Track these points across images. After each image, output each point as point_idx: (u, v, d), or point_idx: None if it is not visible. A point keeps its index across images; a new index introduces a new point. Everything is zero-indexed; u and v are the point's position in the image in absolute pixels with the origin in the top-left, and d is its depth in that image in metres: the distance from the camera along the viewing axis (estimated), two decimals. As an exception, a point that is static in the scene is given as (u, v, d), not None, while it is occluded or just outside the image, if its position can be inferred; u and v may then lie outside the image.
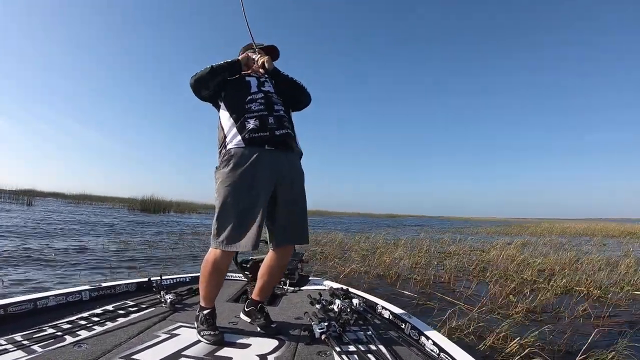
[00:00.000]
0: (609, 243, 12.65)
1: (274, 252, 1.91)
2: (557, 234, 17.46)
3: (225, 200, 1.71)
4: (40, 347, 1.53)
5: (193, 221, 16.50)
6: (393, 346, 1.69)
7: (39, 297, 2.06)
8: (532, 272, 5.55)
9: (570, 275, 5.32)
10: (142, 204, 23.90)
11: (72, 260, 5.42)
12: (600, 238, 15.38)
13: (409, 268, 5.75)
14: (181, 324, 1.92)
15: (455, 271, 5.74)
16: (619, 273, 5.50)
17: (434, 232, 15.89)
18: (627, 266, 6.14)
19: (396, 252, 6.88)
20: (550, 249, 8.93)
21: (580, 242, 12.10)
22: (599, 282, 4.89)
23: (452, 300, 3.88)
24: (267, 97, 1.86)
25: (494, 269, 5.85)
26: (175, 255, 6.61)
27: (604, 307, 3.81)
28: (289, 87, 1.99)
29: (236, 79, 1.91)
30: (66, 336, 1.65)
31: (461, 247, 9.13)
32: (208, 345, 1.64)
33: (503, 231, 19.48)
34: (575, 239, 14.57)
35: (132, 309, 2.15)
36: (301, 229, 1.90)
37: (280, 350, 1.61)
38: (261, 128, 1.77)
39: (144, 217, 17.59)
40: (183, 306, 2.27)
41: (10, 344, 1.53)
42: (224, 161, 1.76)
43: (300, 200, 1.90)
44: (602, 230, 21.80)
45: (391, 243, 8.98)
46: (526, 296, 4.06)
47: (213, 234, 1.73)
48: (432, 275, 5.29)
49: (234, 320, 2.02)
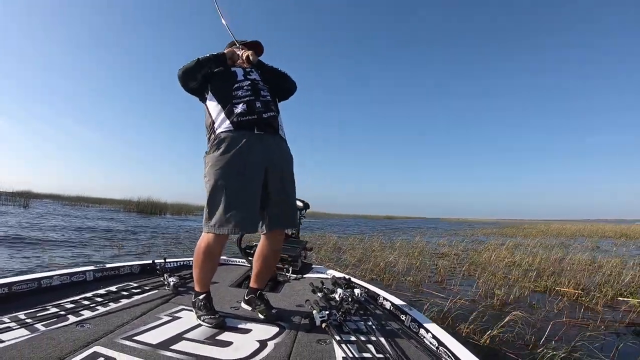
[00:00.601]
0: (602, 244, 12.71)
1: (265, 237, 1.95)
2: (551, 235, 17.51)
3: (216, 184, 1.72)
4: (43, 325, 1.54)
5: (189, 224, 16.43)
6: (393, 337, 1.71)
7: (43, 277, 2.08)
8: (518, 272, 5.73)
9: (554, 275, 5.52)
10: (138, 205, 24.00)
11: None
12: (596, 239, 15.46)
13: (403, 270, 5.86)
14: (183, 307, 1.94)
15: (448, 271, 5.94)
16: (603, 274, 5.68)
17: (430, 235, 15.94)
18: (611, 267, 6.33)
19: (391, 256, 6.91)
20: (540, 250, 9.01)
21: (573, 244, 12.16)
22: (579, 283, 5.07)
23: (443, 297, 4.05)
24: (254, 84, 1.91)
25: (483, 269, 6.04)
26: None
27: (580, 306, 4.02)
28: (273, 76, 2.04)
29: (222, 70, 1.96)
30: (69, 316, 1.68)
31: (455, 249, 9.23)
32: (209, 328, 1.66)
33: (499, 232, 19.67)
34: (569, 240, 14.65)
35: (135, 291, 2.18)
36: (291, 213, 1.94)
37: (280, 337, 1.63)
38: (249, 112, 1.80)
39: (140, 219, 17.51)
40: (186, 289, 2.28)
41: (14, 322, 1.55)
42: (213, 145, 1.78)
43: (290, 185, 1.94)
44: (598, 231, 22.00)
45: (387, 245, 9.00)
46: (509, 293, 4.28)
47: (205, 218, 1.74)
48: (425, 276, 5.43)
49: (235, 305, 2.04)
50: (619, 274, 5.73)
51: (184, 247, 7.83)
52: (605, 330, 3.28)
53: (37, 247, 6.43)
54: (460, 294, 4.28)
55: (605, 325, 3.42)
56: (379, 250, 8.10)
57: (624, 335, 3.18)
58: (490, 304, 3.94)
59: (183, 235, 10.48)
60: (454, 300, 3.74)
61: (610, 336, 3.14)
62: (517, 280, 5.12)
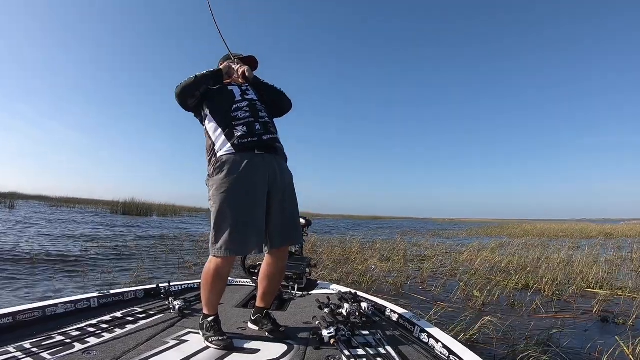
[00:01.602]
0: (582, 244, 12.90)
1: (270, 255, 1.95)
2: (535, 235, 17.75)
3: (222, 207, 1.73)
4: (49, 354, 1.53)
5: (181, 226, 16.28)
6: (402, 349, 1.71)
7: (48, 305, 2.07)
8: (499, 272, 5.95)
9: (531, 273, 5.77)
10: (124, 206, 23.86)
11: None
12: (577, 239, 15.69)
13: (384, 273, 5.95)
14: (190, 330, 1.93)
15: (430, 273, 6.10)
16: (576, 272, 5.96)
17: (413, 235, 16.07)
18: (583, 265, 6.61)
19: (371, 260, 6.92)
20: (521, 250, 9.17)
21: (554, 243, 12.33)
22: (555, 279, 5.30)
23: (424, 299, 4.22)
24: (252, 104, 1.92)
25: (464, 271, 6.22)
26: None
27: (556, 300, 4.33)
28: (270, 93, 2.06)
29: (219, 89, 1.97)
30: (75, 343, 1.67)
31: (437, 250, 9.38)
32: (217, 350, 1.65)
33: (484, 233, 19.96)
34: (552, 240, 14.87)
35: (140, 316, 2.16)
36: (295, 230, 1.95)
37: (289, 355, 1.62)
38: (249, 134, 1.81)
39: (126, 220, 17.35)
40: (191, 312, 2.27)
41: (20, 351, 1.54)
42: (216, 168, 1.79)
43: (292, 201, 1.95)
44: (582, 231, 22.27)
45: (368, 247, 9.00)
46: (489, 293, 4.46)
47: (211, 242, 1.75)
48: (406, 278, 5.58)
49: (242, 326, 2.03)
50: (589, 270, 6.01)
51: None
52: (579, 319, 3.63)
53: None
54: (440, 296, 4.46)
55: (579, 315, 3.77)
56: (359, 252, 8.09)
57: (592, 321, 3.56)
58: (470, 305, 4.11)
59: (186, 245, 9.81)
60: (435, 302, 3.93)
61: (581, 324, 3.49)
62: (498, 281, 5.32)
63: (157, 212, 25.21)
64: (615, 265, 7.02)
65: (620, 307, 4.03)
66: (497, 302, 4.31)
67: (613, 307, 4.03)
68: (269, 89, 2.06)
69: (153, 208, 25.26)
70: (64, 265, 5.69)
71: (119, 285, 4.51)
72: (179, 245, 9.05)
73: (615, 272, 6.43)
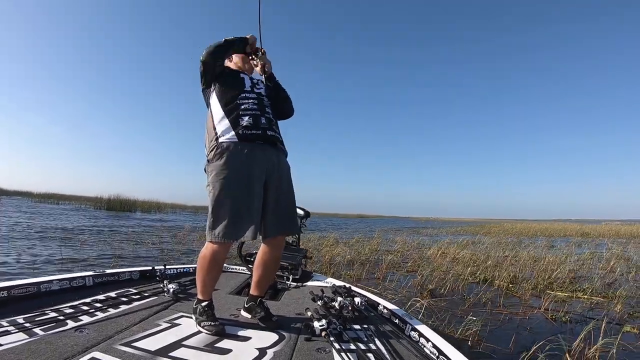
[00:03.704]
0: (557, 243, 13.16)
1: (265, 245, 1.98)
2: (512, 234, 18.00)
3: (220, 193, 1.77)
4: (41, 330, 1.55)
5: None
6: (393, 346, 1.72)
7: (43, 281, 2.09)
8: (460, 267, 6.09)
9: (494, 269, 5.97)
10: (108, 203, 23.78)
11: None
12: (554, 238, 15.98)
13: (345, 264, 6.18)
14: (183, 314, 1.95)
15: (390, 266, 6.27)
16: (537, 269, 6.08)
17: (390, 232, 16.21)
18: (548, 263, 6.77)
19: (337, 249, 7.00)
20: (491, 248, 9.36)
21: (527, 241, 12.55)
22: (516, 276, 5.50)
23: (375, 292, 4.34)
24: (260, 98, 1.97)
25: (427, 265, 6.39)
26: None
27: (509, 296, 4.52)
28: (278, 93, 2.12)
29: (231, 72, 2.03)
30: (68, 321, 1.69)
31: (408, 246, 9.71)
32: (208, 335, 1.67)
33: (461, 231, 20.28)
34: (528, 239, 15.16)
35: (134, 297, 2.19)
36: (291, 220, 1.99)
37: (280, 345, 1.63)
38: (254, 126, 1.86)
39: (111, 217, 17.20)
40: (186, 296, 2.30)
41: (12, 325, 1.56)
42: (216, 154, 1.82)
43: (288, 192, 2.00)
44: (561, 230, 22.65)
45: (342, 242, 9.06)
46: (442, 285, 4.70)
47: (208, 227, 1.78)
48: (367, 271, 5.70)
49: (235, 313, 2.05)
50: (553, 269, 6.16)
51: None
52: (525, 315, 3.72)
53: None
54: (393, 288, 4.61)
55: (527, 312, 3.84)
56: (332, 245, 8.16)
57: (538, 318, 3.62)
58: (420, 297, 4.21)
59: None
60: (385, 294, 4.04)
61: (528, 319, 3.59)
62: (458, 275, 5.47)
63: (141, 208, 25.16)
64: (581, 264, 7.23)
65: (573, 307, 4.14)
66: (449, 293, 4.49)
67: (564, 307, 4.13)
68: (279, 88, 2.13)
69: (137, 204, 25.24)
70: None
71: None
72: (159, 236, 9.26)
73: (580, 270, 6.68)
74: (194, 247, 7.60)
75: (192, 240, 8.94)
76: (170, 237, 9.45)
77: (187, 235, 10.02)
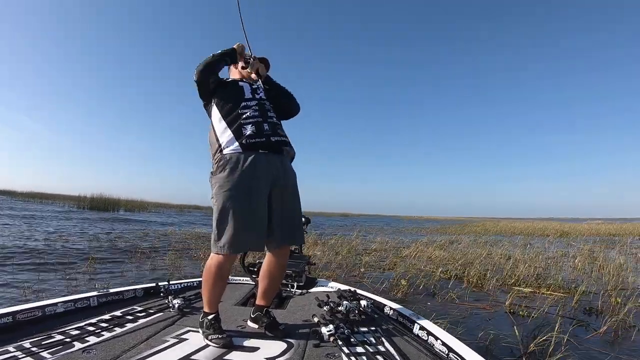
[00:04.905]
0: (534, 241, 13.42)
1: (271, 254, 1.98)
2: (493, 233, 18.30)
3: (224, 205, 1.76)
4: (49, 353, 1.54)
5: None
6: (402, 346, 1.72)
7: (47, 304, 2.08)
8: (434, 266, 6.34)
9: (463, 267, 6.25)
10: (91, 202, 23.67)
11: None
12: (531, 237, 16.26)
13: (321, 265, 6.28)
14: (189, 329, 1.95)
15: (367, 266, 6.44)
16: (507, 267, 6.32)
17: (375, 232, 16.34)
18: (519, 260, 7.04)
19: (315, 249, 7.06)
20: (467, 246, 9.52)
21: (507, 241, 12.82)
22: (485, 273, 5.72)
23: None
24: (261, 104, 1.95)
25: (402, 263, 6.61)
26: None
27: (475, 293, 4.72)
28: (279, 94, 2.10)
29: (230, 82, 2.03)
30: (75, 342, 1.67)
31: (387, 245, 10.01)
32: (216, 349, 1.67)
33: (443, 230, 20.46)
34: (507, 237, 15.40)
35: (140, 314, 2.18)
36: (296, 229, 1.98)
37: (288, 353, 1.63)
38: (258, 134, 1.85)
39: (94, 215, 17.00)
40: (191, 310, 2.29)
41: (19, 351, 1.55)
42: (220, 166, 1.82)
43: (294, 201, 1.98)
44: (541, 229, 22.91)
45: (321, 242, 9.12)
46: (414, 282, 4.91)
47: (214, 239, 1.78)
48: (344, 271, 5.90)
49: (241, 324, 2.05)
50: (521, 266, 6.38)
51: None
52: (491, 309, 3.93)
53: None
54: (368, 285, 4.81)
55: (490, 306, 4.05)
56: (310, 245, 8.23)
57: (500, 313, 3.83)
58: (393, 294, 4.45)
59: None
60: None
61: (489, 314, 3.78)
62: (427, 272, 5.64)
63: (125, 207, 25.01)
64: (553, 262, 7.46)
65: (536, 301, 4.30)
66: (421, 290, 4.70)
67: (525, 302, 4.29)
68: (279, 88, 2.11)
69: (120, 203, 25.14)
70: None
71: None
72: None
73: (551, 267, 6.89)
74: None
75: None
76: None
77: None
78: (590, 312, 3.92)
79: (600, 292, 4.48)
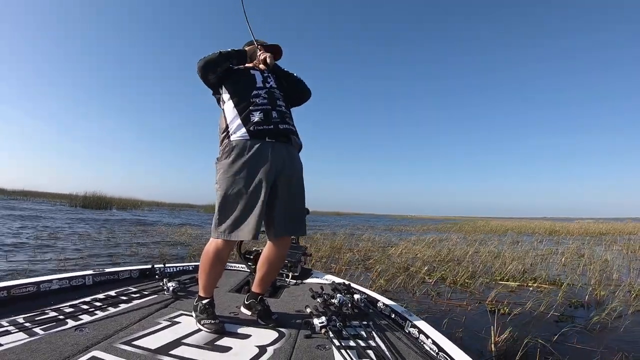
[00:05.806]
0: (523, 239, 13.55)
1: (272, 243, 1.99)
2: (484, 231, 18.43)
3: (227, 191, 1.78)
4: (42, 329, 1.56)
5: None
6: (392, 343, 1.73)
7: (43, 280, 2.09)
8: (419, 263, 6.38)
9: (448, 264, 6.26)
10: (84, 200, 23.46)
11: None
12: (520, 235, 16.41)
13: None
14: (182, 312, 1.97)
15: (350, 263, 6.40)
16: (493, 266, 6.39)
17: (364, 229, 16.39)
18: (507, 257, 7.09)
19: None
20: (456, 244, 9.59)
21: (497, 239, 12.93)
22: (474, 271, 5.77)
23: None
24: (271, 92, 1.96)
25: (386, 261, 6.55)
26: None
27: (458, 291, 4.73)
28: (289, 82, 2.11)
29: (242, 71, 2.02)
30: (68, 320, 1.69)
31: (374, 243, 10.00)
32: (208, 334, 1.68)
33: (434, 228, 20.71)
34: (497, 236, 15.51)
35: (134, 295, 2.19)
36: (299, 220, 1.98)
37: (280, 342, 1.64)
38: (265, 121, 1.85)
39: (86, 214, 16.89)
40: (185, 294, 2.31)
41: (12, 325, 1.57)
42: (225, 152, 1.83)
43: (299, 192, 1.98)
44: (532, 228, 23.18)
45: (305, 240, 9.16)
46: (394, 281, 4.87)
47: (214, 224, 1.79)
48: (325, 268, 5.86)
49: (234, 311, 2.07)
50: (511, 262, 6.47)
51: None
52: (469, 306, 3.91)
53: None
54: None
55: (472, 303, 4.04)
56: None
57: (481, 310, 3.82)
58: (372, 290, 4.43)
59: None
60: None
61: (470, 311, 3.75)
62: (411, 271, 5.65)
63: (117, 206, 25.02)
64: (540, 259, 7.57)
65: (522, 297, 4.33)
66: (401, 289, 4.67)
67: (513, 298, 4.31)
68: (288, 76, 2.11)
69: (113, 202, 25.09)
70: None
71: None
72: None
73: (539, 264, 6.95)
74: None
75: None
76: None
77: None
78: (576, 306, 3.97)
79: (585, 286, 4.57)
